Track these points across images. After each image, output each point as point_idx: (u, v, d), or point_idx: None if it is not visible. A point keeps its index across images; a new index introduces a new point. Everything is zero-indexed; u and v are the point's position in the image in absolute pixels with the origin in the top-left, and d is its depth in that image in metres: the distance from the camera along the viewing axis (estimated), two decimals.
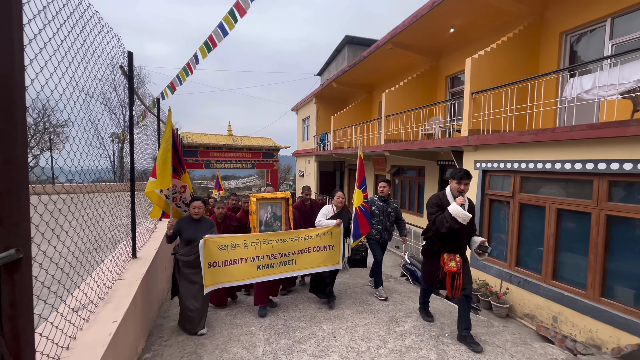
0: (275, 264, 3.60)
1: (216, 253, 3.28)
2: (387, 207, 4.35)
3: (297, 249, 3.69)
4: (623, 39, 5.06)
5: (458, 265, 2.88)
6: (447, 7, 6.55)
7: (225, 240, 3.35)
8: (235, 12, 6.86)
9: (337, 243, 3.90)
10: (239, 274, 3.40)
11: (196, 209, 3.28)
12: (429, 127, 7.96)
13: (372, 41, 16.67)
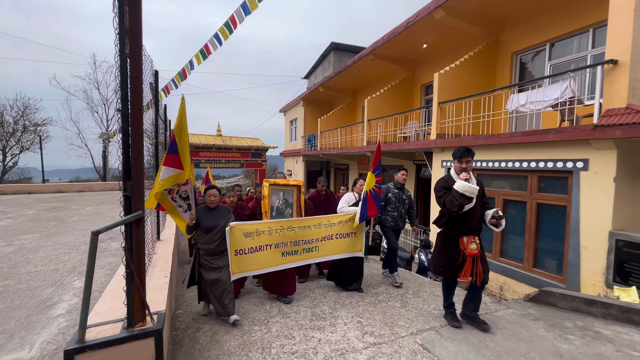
0: (299, 250, 3.58)
1: (242, 240, 3.25)
2: (403, 195, 4.30)
3: (319, 236, 3.69)
4: (558, 60, 6.19)
5: (479, 247, 2.76)
6: (419, 26, 7.55)
7: (250, 227, 3.32)
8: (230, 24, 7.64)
9: (360, 230, 3.88)
10: (264, 261, 3.37)
11: (212, 197, 3.27)
12: (405, 131, 8.97)
13: (356, 47, 17.69)
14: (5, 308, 3.20)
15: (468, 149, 2.79)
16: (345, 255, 3.83)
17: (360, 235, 3.89)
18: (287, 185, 3.87)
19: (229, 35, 8.30)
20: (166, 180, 2.66)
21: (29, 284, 3.80)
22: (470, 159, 2.77)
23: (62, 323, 2.93)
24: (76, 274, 4.19)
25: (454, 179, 2.83)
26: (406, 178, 4.36)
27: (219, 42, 8.56)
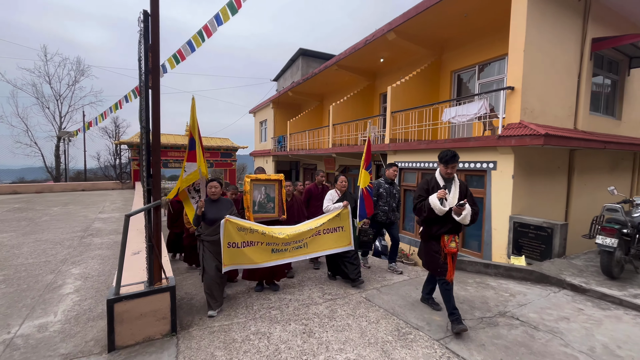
0: (289, 248, 3.67)
1: (235, 234, 3.32)
2: (393, 190, 4.54)
3: (310, 235, 3.76)
4: (484, 80, 7.59)
5: (458, 246, 2.85)
6: (376, 45, 8.66)
7: (244, 224, 3.40)
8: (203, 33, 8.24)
9: (347, 224, 3.95)
10: (255, 256, 3.44)
11: (212, 189, 3.33)
12: (366, 135, 10.09)
13: (323, 54, 18.71)
14: (16, 290, 3.68)
15: (454, 154, 2.82)
16: (334, 251, 3.89)
17: (347, 229, 3.95)
18: (268, 180, 3.98)
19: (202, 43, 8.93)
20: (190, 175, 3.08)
21: (28, 273, 4.24)
22: (456, 164, 2.84)
23: (74, 298, 3.50)
24: (70, 264, 4.65)
25: (437, 181, 2.90)
26: (396, 173, 4.59)
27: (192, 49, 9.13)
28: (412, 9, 7.02)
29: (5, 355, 2.45)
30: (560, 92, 5.84)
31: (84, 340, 2.69)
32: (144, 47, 2.63)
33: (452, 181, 2.87)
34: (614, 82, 7.28)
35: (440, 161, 2.88)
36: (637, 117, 7.81)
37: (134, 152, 18.40)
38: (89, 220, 8.11)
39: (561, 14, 5.65)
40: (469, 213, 2.72)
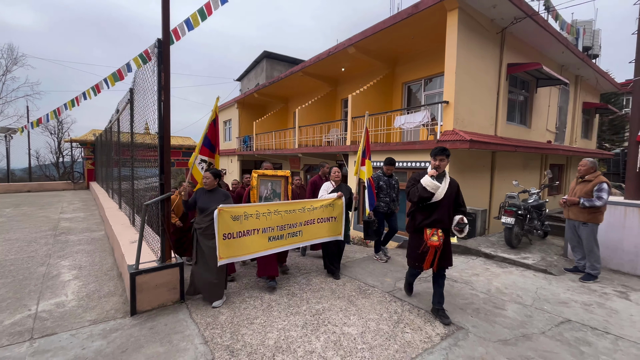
0: (285, 235, 3.70)
1: (230, 224, 3.29)
2: (392, 181, 4.83)
3: (303, 219, 3.84)
4: (428, 92, 8.95)
5: (440, 240, 2.87)
6: (338, 56, 9.65)
7: (238, 210, 3.38)
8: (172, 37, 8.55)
9: (339, 215, 4.07)
10: (252, 246, 3.45)
11: (205, 180, 3.47)
12: (329, 137, 11.06)
13: (287, 57, 19.40)
14: (14, 280, 3.96)
15: (443, 148, 2.93)
16: (326, 239, 4.05)
17: (340, 220, 4.09)
18: (275, 175, 4.03)
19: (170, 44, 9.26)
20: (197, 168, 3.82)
21: (16, 267, 4.46)
22: (444, 158, 2.92)
23: (77, 283, 3.90)
24: (56, 258, 4.90)
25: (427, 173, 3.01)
26: (391, 170, 4.93)
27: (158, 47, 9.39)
28: (369, 29, 8.10)
29: (37, 324, 2.91)
30: (484, 106, 7.31)
31: (104, 310, 3.21)
32: (157, 68, 3.23)
33: (444, 177, 2.97)
34: (525, 97, 9.08)
35: (431, 155, 3.02)
36: (543, 126, 9.77)
37: (88, 150, 17.46)
38: (52, 220, 8.00)
39: (483, 44, 7.09)
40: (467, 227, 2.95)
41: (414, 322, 2.99)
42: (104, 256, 5.03)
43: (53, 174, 29.19)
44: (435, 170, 2.92)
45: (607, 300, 3.49)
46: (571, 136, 11.58)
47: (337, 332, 2.79)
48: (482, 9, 6.67)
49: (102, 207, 7.96)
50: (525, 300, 3.47)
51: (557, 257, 4.88)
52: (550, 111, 10.08)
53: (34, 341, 2.64)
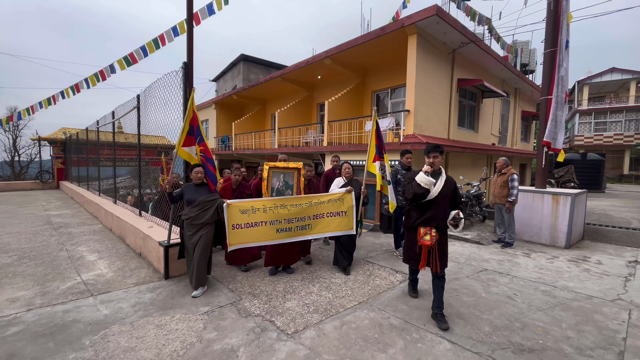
0: (293, 227, 3.85)
1: (238, 216, 3.59)
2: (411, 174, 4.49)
3: (311, 213, 3.94)
4: (394, 100, 10.31)
5: (433, 240, 2.81)
6: (315, 65, 10.72)
7: (246, 205, 3.67)
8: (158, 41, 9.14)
9: (350, 209, 4.06)
10: (260, 235, 3.71)
11: (197, 174, 3.64)
12: (307, 138, 12.10)
13: (263, 61, 20.14)
14: (44, 262, 4.56)
15: (436, 146, 2.92)
16: (337, 233, 4.08)
17: (350, 214, 4.08)
18: (287, 167, 4.13)
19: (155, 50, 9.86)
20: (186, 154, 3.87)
21: (37, 252, 5.01)
22: (438, 155, 2.89)
23: (104, 262, 4.59)
24: (70, 245, 5.48)
25: None
26: (411, 161, 4.78)
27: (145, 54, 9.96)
28: (344, 44, 9.25)
29: (89, 287, 3.66)
30: (438, 114, 8.75)
31: (140, 277, 4.01)
32: (183, 86, 4.09)
33: (439, 175, 2.92)
34: (473, 107, 10.76)
35: (424, 153, 3.01)
36: (488, 130, 11.56)
37: (58, 149, 17.00)
38: (41, 217, 8.27)
39: (438, 62, 8.52)
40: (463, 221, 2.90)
41: (382, 275, 4.14)
42: (114, 243, 5.67)
43: (7, 174, 27.37)
44: (430, 167, 2.89)
45: (514, 257, 4.88)
46: (512, 139, 13.61)
47: (327, 282, 3.86)
48: (435, 34, 8.07)
49: (95, 204, 8.37)
50: (460, 260, 4.76)
51: (489, 234, 6.32)
52: (494, 118, 11.91)
53: (96, 297, 3.42)
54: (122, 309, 3.13)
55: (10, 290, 3.53)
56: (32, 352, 2.41)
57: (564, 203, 5.43)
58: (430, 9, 7.06)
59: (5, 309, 3.10)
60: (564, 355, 2.39)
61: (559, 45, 5.62)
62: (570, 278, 4.03)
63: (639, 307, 3.20)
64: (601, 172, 14.08)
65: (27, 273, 4.08)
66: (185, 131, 3.85)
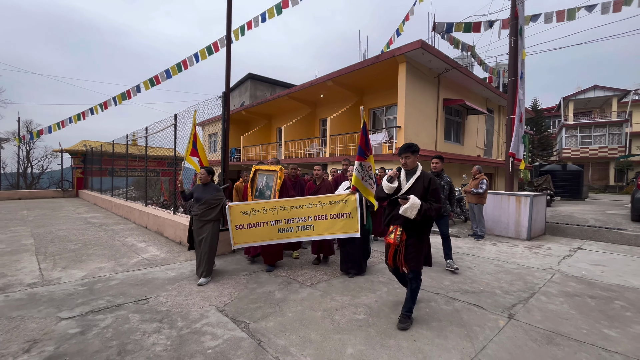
0: (294, 227, 3.96)
1: (240, 217, 3.87)
2: (441, 181, 4.58)
3: (312, 214, 3.98)
4: (388, 117, 11.66)
5: (396, 239, 2.76)
6: (318, 87, 12.14)
7: (247, 206, 3.97)
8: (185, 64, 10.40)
9: (354, 211, 3.94)
10: (262, 235, 3.94)
11: (200, 175, 4.15)
12: (311, 149, 13.39)
13: (269, 79, 21.72)
14: (105, 247, 5.70)
15: (407, 145, 2.88)
16: (341, 236, 4.01)
17: (355, 216, 3.95)
18: (268, 170, 4.53)
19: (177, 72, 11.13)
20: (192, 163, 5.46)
21: (95, 242, 6.15)
22: (409, 154, 2.86)
23: (153, 248, 5.73)
24: (119, 238, 6.62)
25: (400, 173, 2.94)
26: (437, 166, 4.58)
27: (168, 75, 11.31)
28: (344, 69, 10.67)
29: (152, 261, 4.81)
30: (426, 129, 10.06)
31: (186, 256, 5.14)
32: (222, 112, 5.36)
33: (413, 173, 2.87)
34: (458, 122, 12.11)
35: (398, 155, 2.99)
36: (474, 143, 12.87)
37: (78, 160, 18.26)
38: (77, 218, 9.41)
39: (425, 85, 9.90)
40: (413, 207, 2.65)
41: None
42: (154, 236, 6.82)
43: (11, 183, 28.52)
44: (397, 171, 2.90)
45: (482, 246, 6.05)
46: (497, 151, 14.93)
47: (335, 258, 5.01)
48: (422, 62, 9.48)
49: (126, 207, 9.52)
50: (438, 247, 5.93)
51: (467, 230, 7.48)
52: (479, 132, 13.25)
53: (160, 266, 4.57)
54: (184, 273, 4.28)
55: (94, 263, 4.68)
56: (134, 292, 3.56)
57: (524, 203, 6.64)
58: (416, 42, 8.47)
59: (99, 272, 4.25)
60: (494, 294, 3.55)
61: (518, 76, 6.96)
62: (520, 257, 5.19)
63: (561, 273, 4.36)
64: (580, 182, 15.31)
65: (98, 254, 5.23)
66: (191, 144, 5.24)
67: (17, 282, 3.84)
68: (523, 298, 3.45)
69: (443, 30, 9.50)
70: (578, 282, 3.98)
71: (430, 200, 2.80)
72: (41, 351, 2.35)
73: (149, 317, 2.92)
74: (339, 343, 2.49)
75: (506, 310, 3.14)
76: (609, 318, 2.98)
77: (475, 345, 2.47)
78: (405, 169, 2.94)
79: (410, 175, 2.90)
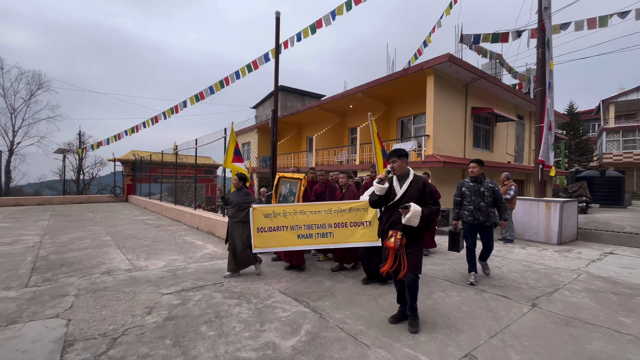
0: (314, 234, 3.93)
1: (262, 220, 4.02)
2: (480, 187, 4.19)
3: (331, 221, 3.93)
4: (416, 125, 12.07)
5: (397, 243, 2.75)
6: (348, 98, 12.82)
7: (268, 209, 4.12)
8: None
9: (374, 219, 3.88)
10: (282, 240, 3.99)
11: (233, 181, 4.67)
12: (340, 157, 14.06)
13: (298, 90, 22.79)
14: (171, 244, 6.64)
15: (394, 151, 2.92)
16: (362, 244, 3.94)
17: (375, 224, 3.84)
18: (292, 178, 4.83)
19: (220, 89, 12.20)
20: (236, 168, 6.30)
21: (161, 239, 7.14)
22: (396, 159, 2.87)
23: (211, 245, 6.59)
24: (178, 237, 7.59)
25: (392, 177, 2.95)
26: (475, 171, 4.23)
27: (211, 92, 12.41)
28: (373, 81, 11.28)
29: (212, 256, 5.63)
30: (455, 137, 10.38)
31: None
32: (272, 124, 6.16)
33: (406, 178, 2.88)
34: (487, 130, 12.26)
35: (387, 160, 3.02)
36: (503, 150, 12.92)
37: (128, 168, 20.17)
38: (136, 220, 10.64)
39: (453, 95, 10.27)
40: (415, 215, 2.66)
41: None
42: (207, 236, 7.73)
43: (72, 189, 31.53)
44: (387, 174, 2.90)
45: (511, 249, 6.33)
46: (529, 157, 14.76)
47: None
48: (450, 73, 9.89)
49: (178, 210, 10.64)
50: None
51: (497, 235, 7.72)
52: (509, 139, 13.27)
53: (223, 260, 5.35)
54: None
55: (167, 256, 5.58)
56: (210, 278, 4.34)
57: (554, 208, 6.84)
58: (444, 56, 8.94)
59: (174, 263, 5.12)
60: (520, 288, 3.96)
61: (546, 85, 7.22)
62: (549, 259, 5.47)
63: (587, 273, 4.64)
64: (621, 189, 14.72)
65: (167, 249, 6.16)
66: (232, 152, 6.17)
67: (115, 268, 4.78)
68: (547, 292, 3.84)
69: (470, 42, 9.87)
70: (603, 282, 4.27)
71: (428, 204, 2.82)
72: (159, 314, 3.14)
73: (228, 295, 3.66)
74: (384, 318, 3.07)
75: (530, 300, 3.56)
76: (627, 310, 3.32)
77: (500, 324, 2.95)
78: (394, 173, 2.96)
79: (403, 180, 2.92)
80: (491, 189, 4.21)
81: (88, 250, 5.91)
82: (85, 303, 3.38)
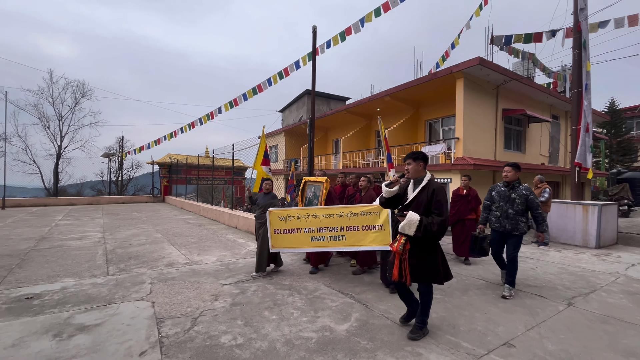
0: (326, 237, 4.10)
1: (278, 222, 4.28)
2: (512, 194, 3.91)
3: (343, 224, 4.04)
4: (445, 127, 12.09)
5: (399, 247, 2.69)
6: (376, 102, 13.07)
7: (283, 212, 4.29)
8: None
9: (386, 223, 3.87)
10: (296, 241, 4.25)
11: (266, 185, 4.99)
12: (367, 160, 14.31)
13: (325, 94, 23.26)
14: (215, 241, 7.25)
15: (411, 153, 2.85)
16: (373, 248, 4.01)
17: (387, 228, 3.85)
18: (316, 181, 5.21)
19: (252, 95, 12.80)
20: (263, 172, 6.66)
21: (205, 237, 7.77)
22: (411, 162, 2.80)
23: (251, 243, 7.13)
24: (220, 235, 8.21)
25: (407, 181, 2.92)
26: (509, 175, 3.97)
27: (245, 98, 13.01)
28: (401, 85, 11.47)
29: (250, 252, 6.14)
30: (485, 139, 10.35)
31: None
32: (309, 130, 6.60)
33: (420, 183, 2.79)
34: (519, 131, 12.04)
35: None
36: (537, 152, 12.61)
37: (165, 170, 21.53)
38: (177, 219, 11.48)
39: (483, 97, 10.24)
40: (410, 224, 2.60)
41: None
42: (246, 234, 8.30)
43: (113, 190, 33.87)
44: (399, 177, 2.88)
45: (546, 252, 6.34)
46: (564, 159, 14.26)
47: None
48: (480, 76, 9.89)
49: (216, 210, 11.38)
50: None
51: (530, 237, 7.70)
52: (543, 140, 12.93)
53: None
54: (286, 262, 5.49)
55: (216, 252, 6.16)
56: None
57: (592, 211, 6.75)
58: (474, 59, 8.99)
59: (224, 258, 5.67)
60: (555, 289, 4.09)
61: (583, 87, 7.13)
62: (586, 262, 5.48)
63: (626, 277, 4.65)
64: None
65: (214, 246, 6.76)
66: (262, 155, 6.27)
67: (175, 261, 5.39)
68: (583, 293, 3.96)
69: (501, 43, 9.83)
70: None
71: (434, 213, 2.64)
72: (224, 300, 3.63)
73: (279, 287, 4.11)
74: None
75: (566, 300, 3.71)
76: None
77: (536, 319, 3.17)
78: (408, 176, 2.87)
79: (417, 185, 2.80)
80: (524, 196, 3.85)
81: (146, 246, 6.63)
82: (161, 290, 3.95)
